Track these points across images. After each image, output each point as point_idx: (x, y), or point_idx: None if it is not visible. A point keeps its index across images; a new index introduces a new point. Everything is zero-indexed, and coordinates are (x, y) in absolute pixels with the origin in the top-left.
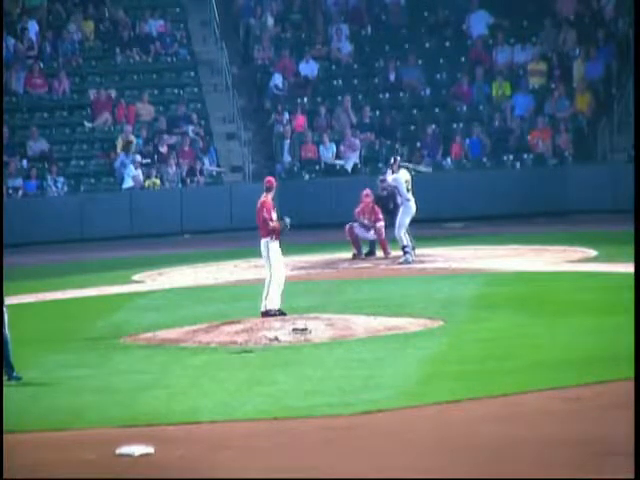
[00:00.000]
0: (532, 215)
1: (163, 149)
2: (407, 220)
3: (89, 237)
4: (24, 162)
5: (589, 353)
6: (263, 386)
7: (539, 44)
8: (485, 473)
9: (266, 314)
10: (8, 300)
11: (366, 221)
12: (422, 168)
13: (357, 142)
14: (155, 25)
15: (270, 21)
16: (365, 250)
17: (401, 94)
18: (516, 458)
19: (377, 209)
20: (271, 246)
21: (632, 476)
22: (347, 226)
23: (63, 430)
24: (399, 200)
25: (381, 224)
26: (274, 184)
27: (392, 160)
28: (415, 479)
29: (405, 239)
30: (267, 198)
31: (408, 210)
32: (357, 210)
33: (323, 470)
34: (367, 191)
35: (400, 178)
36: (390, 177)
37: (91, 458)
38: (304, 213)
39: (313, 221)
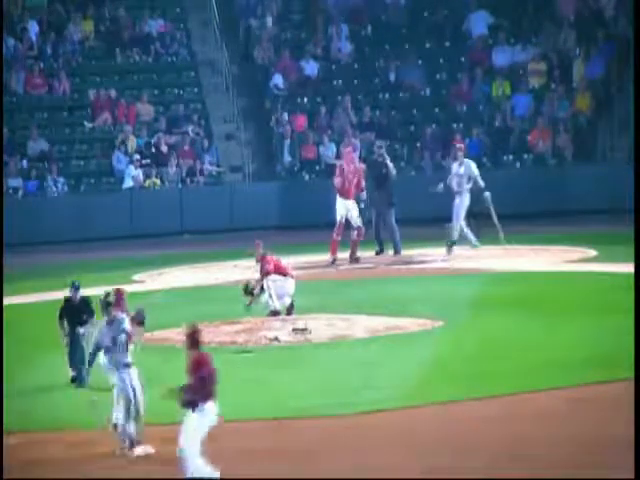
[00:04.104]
0: (532, 215)
1: (163, 149)
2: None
3: (89, 237)
4: (24, 162)
5: (589, 353)
6: (263, 386)
7: (539, 44)
8: (485, 473)
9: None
10: (8, 300)
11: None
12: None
13: (357, 142)
14: (155, 25)
15: (270, 21)
16: (377, 249)
17: (401, 94)
18: (517, 458)
19: (361, 179)
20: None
21: (632, 476)
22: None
23: (63, 430)
24: (460, 188)
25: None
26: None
27: (458, 146)
28: (415, 479)
29: (456, 234)
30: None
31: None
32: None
33: (323, 470)
34: (349, 149)
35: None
36: (462, 169)
37: (91, 458)
38: (304, 213)
39: (313, 221)
